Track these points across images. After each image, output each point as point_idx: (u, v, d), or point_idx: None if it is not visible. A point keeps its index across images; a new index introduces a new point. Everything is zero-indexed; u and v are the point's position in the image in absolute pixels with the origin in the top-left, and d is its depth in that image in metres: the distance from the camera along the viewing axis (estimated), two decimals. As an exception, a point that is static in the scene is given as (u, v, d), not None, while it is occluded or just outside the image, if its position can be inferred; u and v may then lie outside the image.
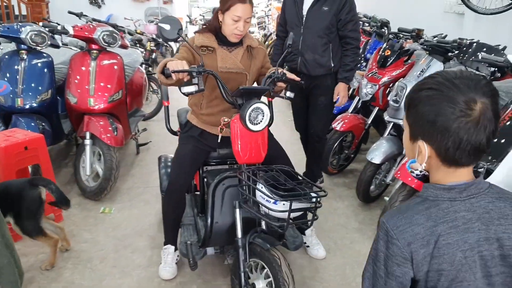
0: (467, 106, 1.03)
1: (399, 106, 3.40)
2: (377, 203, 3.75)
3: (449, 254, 1.06)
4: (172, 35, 2.33)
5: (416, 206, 1.11)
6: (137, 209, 3.61)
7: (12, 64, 3.68)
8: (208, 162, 2.81)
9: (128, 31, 5.80)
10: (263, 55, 2.77)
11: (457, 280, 1.06)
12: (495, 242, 1.07)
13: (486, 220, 1.08)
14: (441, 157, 1.10)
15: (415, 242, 1.07)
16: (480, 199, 1.09)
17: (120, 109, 3.89)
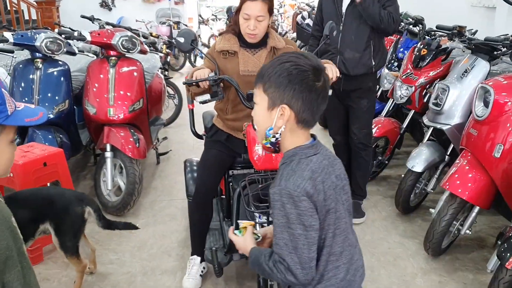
0: (318, 75, 1.35)
1: (441, 109, 3.16)
2: (417, 213, 3.51)
3: (330, 195, 1.36)
4: (186, 47, 2.31)
5: (299, 166, 1.35)
6: (162, 225, 3.40)
7: (27, 73, 3.49)
8: (234, 166, 2.71)
9: (142, 34, 5.60)
10: None
11: (336, 211, 1.37)
12: (339, 177, 1.41)
13: (331, 162, 1.42)
14: (297, 118, 1.36)
15: (313, 192, 1.31)
16: (323, 148, 1.43)
17: (141, 119, 3.68)
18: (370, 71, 3.18)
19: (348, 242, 1.42)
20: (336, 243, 1.38)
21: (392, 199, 3.68)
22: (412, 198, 3.41)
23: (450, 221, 2.73)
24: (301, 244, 1.30)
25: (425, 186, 3.41)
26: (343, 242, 1.40)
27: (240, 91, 2.31)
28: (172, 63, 8.88)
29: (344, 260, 1.40)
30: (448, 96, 3.13)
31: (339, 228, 1.38)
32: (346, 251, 1.41)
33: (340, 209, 1.39)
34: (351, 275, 1.43)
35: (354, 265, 1.45)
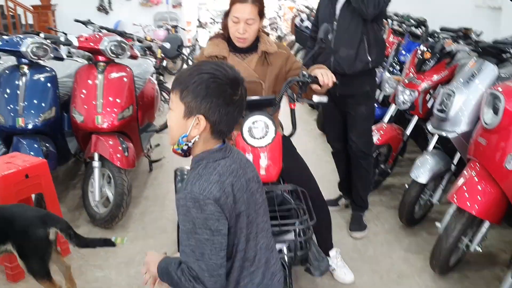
0: (236, 88, 1.37)
1: (447, 116, 2.99)
2: (422, 225, 3.33)
3: (240, 198, 1.36)
4: (172, 52, 2.13)
5: (205, 170, 1.35)
6: (152, 239, 3.23)
7: (12, 79, 3.33)
8: None
9: (137, 38, 5.43)
10: (284, 59, 2.43)
11: (248, 215, 1.37)
12: (251, 180, 1.43)
13: (242, 166, 1.42)
14: (213, 130, 1.37)
15: (221, 196, 1.30)
16: (234, 152, 1.44)
17: (131, 127, 3.51)
18: (367, 68, 2.98)
19: (263, 246, 1.43)
20: (250, 248, 1.39)
21: (396, 210, 3.50)
22: (417, 210, 3.23)
23: (458, 237, 2.55)
24: (208, 250, 1.28)
25: (430, 197, 3.22)
26: (257, 246, 1.40)
27: None
28: (170, 67, 8.72)
29: (259, 264, 1.41)
30: (454, 102, 2.95)
31: (252, 233, 1.40)
32: (261, 255, 1.42)
33: (253, 213, 1.40)
34: (268, 279, 1.44)
35: (271, 269, 1.46)
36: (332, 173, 4.19)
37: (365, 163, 3.19)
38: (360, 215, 3.29)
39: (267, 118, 2.03)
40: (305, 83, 2.19)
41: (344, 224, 3.35)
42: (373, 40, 2.96)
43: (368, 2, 2.73)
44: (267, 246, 1.46)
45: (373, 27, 2.94)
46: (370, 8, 2.76)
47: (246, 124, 2.03)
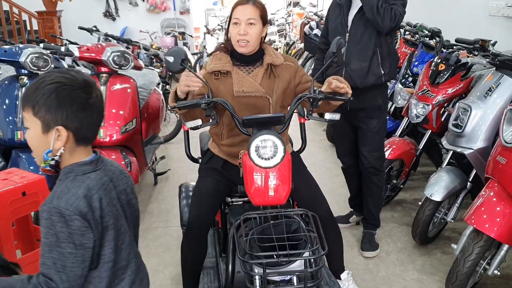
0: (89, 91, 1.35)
1: (462, 132, 2.85)
2: (436, 244, 3.19)
3: (109, 211, 1.35)
4: (176, 67, 2.02)
5: (74, 183, 1.32)
6: (156, 257, 3.11)
7: (11, 91, 3.22)
8: (232, 194, 2.45)
9: (143, 46, 5.36)
10: (293, 72, 2.31)
11: (117, 227, 1.38)
12: (123, 193, 1.44)
13: (115, 178, 1.42)
14: (76, 138, 1.34)
15: (87, 211, 1.29)
16: (106, 164, 1.42)
17: (135, 140, 3.40)
18: (380, 81, 2.86)
19: (133, 255, 1.46)
20: (121, 258, 1.41)
21: (408, 227, 3.37)
22: (431, 228, 3.09)
23: (476, 261, 2.41)
24: (70, 263, 1.28)
25: (445, 216, 3.09)
26: (128, 255, 1.42)
27: (235, 116, 2.04)
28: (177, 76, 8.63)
29: (129, 272, 1.44)
30: (470, 117, 2.83)
31: (124, 243, 1.41)
32: (132, 263, 1.45)
33: (123, 225, 1.42)
34: (137, 285, 1.47)
35: (140, 275, 1.50)
36: (344, 186, 4.05)
37: (377, 179, 3.06)
38: (372, 234, 3.16)
39: (275, 138, 1.91)
40: (316, 100, 2.07)
41: (355, 242, 3.22)
42: (386, 52, 2.83)
43: (384, 15, 2.61)
44: (136, 254, 1.51)
45: (387, 39, 2.82)
46: (386, 21, 2.63)
47: (254, 143, 1.90)
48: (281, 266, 1.72)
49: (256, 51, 2.26)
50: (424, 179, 4.22)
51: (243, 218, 1.87)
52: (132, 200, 1.50)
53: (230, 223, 2.37)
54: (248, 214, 1.88)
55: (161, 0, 9.83)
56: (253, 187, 1.95)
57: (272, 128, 2.00)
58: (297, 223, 1.83)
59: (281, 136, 1.93)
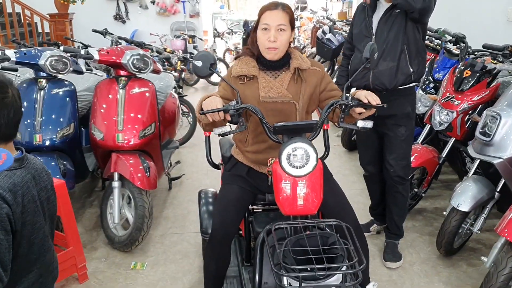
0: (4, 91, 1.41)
1: (491, 140, 2.78)
2: (461, 255, 3.11)
3: (29, 208, 1.42)
4: (204, 72, 2.00)
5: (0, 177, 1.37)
6: (174, 264, 3.05)
7: (30, 93, 3.18)
8: (256, 202, 2.39)
9: (156, 49, 5.31)
10: (319, 77, 2.24)
11: (34, 223, 1.44)
12: (44, 190, 1.51)
13: (37, 176, 1.49)
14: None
15: (13, 203, 1.35)
16: (30, 162, 1.48)
17: (153, 145, 3.34)
18: (409, 80, 2.78)
19: (45, 249, 1.50)
20: (32, 252, 1.46)
21: (431, 236, 3.31)
22: (456, 239, 3.01)
23: (511, 275, 2.33)
24: (3, 248, 1.33)
25: (471, 226, 3.01)
26: (40, 249, 1.46)
27: (265, 122, 1.97)
28: (187, 77, 8.58)
29: (38, 265, 1.49)
30: (500, 126, 2.74)
31: (37, 238, 1.46)
32: (42, 257, 1.50)
33: (40, 220, 1.47)
34: (44, 278, 1.52)
35: (49, 268, 1.55)
36: (361, 194, 4.01)
37: (402, 188, 2.99)
38: (395, 244, 3.09)
39: (308, 145, 1.85)
40: (348, 106, 2.01)
41: (376, 252, 3.15)
42: (414, 49, 2.76)
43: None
44: (48, 248, 1.54)
45: (415, 35, 2.74)
46: (418, 3, 2.56)
47: (285, 151, 1.84)
48: (317, 281, 1.65)
49: (283, 56, 2.20)
50: (444, 187, 4.15)
51: (275, 227, 1.81)
52: (51, 196, 1.56)
53: (255, 231, 2.31)
54: (279, 223, 1.82)
55: (171, 3, 9.78)
56: (282, 196, 1.89)
57: (303, 135, 1.94)
58: (333, 236, 1.76)
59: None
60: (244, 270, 2.50)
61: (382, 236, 3.31)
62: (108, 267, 3.03)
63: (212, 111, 1.95)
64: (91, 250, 3.22)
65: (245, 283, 2.40)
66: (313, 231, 1.85)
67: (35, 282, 1.49)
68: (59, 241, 2.80)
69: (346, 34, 6.53)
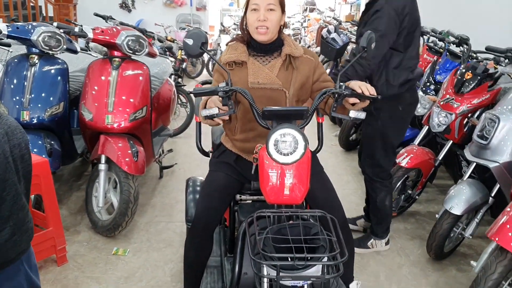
0: None
1: (488, 144, 2.70)
2: (451, 260, 3.03)
3: (1, 163, 1.35)
4: (194, 50, 1.91)
5: None
6: (156, 252, 2.98)
7: (20, 69, 3.12)
8: (242, 191, 2.32)
9: (158, 38, 5.24)
10: (312, 67, 2.16)
11: (5, 179, 1.38)
12: (16, 147, 1.44)
13: (10, 132, 1.43)
14: None
15: None
16: (3, 118, 1.43)
17: (143, 129, 3.27)
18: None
19: (18, 207, 1.47)
20: (4, 208, 1.43)
21: (421, 240, 3.23)
22: (447, 243, 2.93)
23: (499, 280, 2.24)
24: None
25: (463, 231, 2.94)
26: (12, 207, 1.44)
27: (255, 106, 1.89)
28: (189, 70, 8.52)
29: (11, 223, 1.45)
30: (498, 129, 2.67)
31: (9, 195, 1.43)
32: (15, 215, 1.47)
33: (12, 177, 1.44)
34: (18, 236, 1.48)
35: (23, 227, 1.50)
36: (354, 194, 3.95)
37: (371, 188, 3.00)
38: (368, 236, 3.09)
39: (297, 132, 1.77)
40: (341, 96, 1.93)
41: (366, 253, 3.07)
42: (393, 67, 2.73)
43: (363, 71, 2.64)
44: (22, 207, 1.50)
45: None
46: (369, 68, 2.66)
47: (273, 137, 1.76)
48: (296, 270, 1.57)
49: (274, 40, 2.13)
50: (439, 192, 4.07)
51: (256, 215, 1.73)
52: (25, 155, 1.52)
53: (239, 221, 2.24)
54: (261, 211, 1.74)
55: (178, -5, 9.75)
56: (268, 184, 1.82)
57: (293, 122, 1.87)
58: (316, 227, 1.68)
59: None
60: (226, 260, 2.44)
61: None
62: (89, 251, 2.96)
63: (202, 93, 1.88)
64: (73, 233, 3.15)
65: (226, 274, 2.33)
66: (297, 221, 1.79)
67: (8, 240, 1.45)
68: (39, 221, 2.73)
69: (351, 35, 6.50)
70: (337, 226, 1.66)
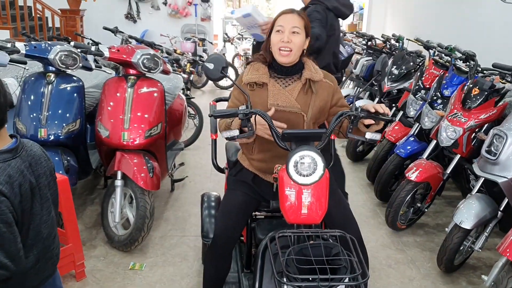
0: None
1: (496, 159, 2.77)
2: (461, 273, 3.09)
3: (26, 196, 1.44)
4: (215, 74, 2.00)
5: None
6: (172, 267, 3.04)
7: (38, 87, 3.18)
8: (259, 209, 2.37)
9: (166, 50, 5.31)
10: (331, 91, 2.23)
11: (31, 209, 1.47)
12: (42, 176, 1.52)
13: (33, 163, 1.50)
14: None
15: (10, 195, 1.37)
16: (26, 149, 1.50)
17: (158, 145, 3.33)
18: None
19: (41, 236, 1.53)
20: (29, 237, 1.49)
21: (431, 252, 3.29)
22: (457, 256, 2.99)
23: (510, 295, 2.32)
24: (7, 240, 1.37)
25: (472, 244, 2.99)
26: (36, 236, 1.49)
27: (274, 128, 1.96)
28: (195, 80, 8.59)
29: (35, 252, 1.52)
30: (506, 145, 2.74)
31: (33, 223, 1.49)
32: (40, 243, 1.53)
33: (38, 207, 1.50)
34: (42, 264, 1.56)
35: (48, 255, 1.58)
36: (363, 206, 4.01)
37: None
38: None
39: (316, 154, 1.83)
40: (357, 117, 2.00)
41: (376, 265, 3.13)
42: None
43: None
44: (48, 235, 1.57)
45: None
46: None
47: (293, 158, 1.83)
48: None
49: (296, 63, 2.20)
50: (446, 204, 4.13)
51: (278, 235, 1.80)
52: (51, 182, 1.58)
53: (257, 238, 2.30)
54: (283, 231, 1.81)
55: (183, 6, 9.82)
56: (287, 203, 1.88)
57: (311, 143, 1.93)
58: (337, 247, 1.74)
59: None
60: (244, 277, 2.50)
61: (383, 250, 3.30)
62: (106, 266, 3.02)
63: (221, 115, 1.95)
64: (90, 248, 3.22)
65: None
66: (316, 240, 1.85)
67: (31, 267, 1.51)
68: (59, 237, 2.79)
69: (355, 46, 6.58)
70: (356, 246, 1.72)
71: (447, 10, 6.44)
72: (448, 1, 6.42)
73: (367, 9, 9.38)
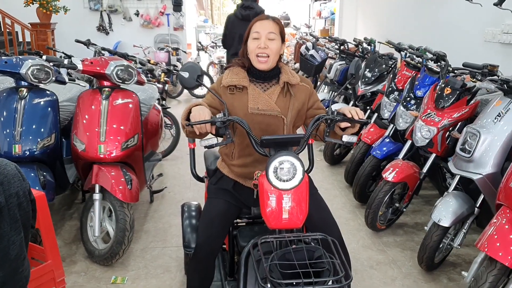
0: None
1: (471, 157, 2.83)
2: (441, 270, 3.14)
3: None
4: (191, 83, 2.02)
5: None
6: (155, 279, 3.00)
7: (10, 103, 3.12)
8: (241, 216, 2.37)
9: (140, 61, 5.28)
10: (308, 94, 2.27)
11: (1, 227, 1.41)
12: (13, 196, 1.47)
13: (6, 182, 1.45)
14: None
15: None
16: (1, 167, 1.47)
17: (135, 157, 3.31)
18: None
19: (9, 258, 1.47)
20: None
21: (412, 251, 3.33)
22: (437, 254, 3.04)
23: (490, 290, 2.36)
24: None
25: (451, 241, 3.04)
26: (3, 257, 1.44)
27: (252, 135, 1.97)
28: (170, 90, 8.55)
29: (1, 274, 1.46)
30: (479, 143, 2.80)
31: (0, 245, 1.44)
32: (6, 265, 1.47)
33: (4, 227, 1.44)
34: (9, 287, 1.49)
35: (16, 277, 1.51)
36: (343, 208, 4.04)
37: None
38: None
39: (295, 159, 1.85)
40: (334, 121, 2.03)
41: (358, 267, 3.15)
42: None
43: None
44: (16, 257, 1.51)
45: None
46: None
47: (272, 164, 1.84)
48: None
49: (273, 68, 2.22)
50: (424, 203, 4.20)
51: (261, 241, 1.80)
52: (23, 203, 1.52)
53: (239, 245, 2.30)
54: (265, 237, 1.81)
55: (155, 16, 9.80)
56: (268, 209, 1.89)
57: (290, 149, 1.95)
58: (319, 250, 1.76)
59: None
60: (228, 284, 2.49)
61: (364, 251, 3.33)
62: (87, 281, 2.97)
63: (199, 123, 1.94)
64: (70, 264, 3.16)
65: None
66: (298, 245, 1.86)
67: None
68: (37, 254, 2.74)
69: (328, 51, 6.66)
70: (338, 249, 1.74)
71: (417, 12, 6.56)
72: (417, 3, 6.54)
73: (338, 14, 9.49)
